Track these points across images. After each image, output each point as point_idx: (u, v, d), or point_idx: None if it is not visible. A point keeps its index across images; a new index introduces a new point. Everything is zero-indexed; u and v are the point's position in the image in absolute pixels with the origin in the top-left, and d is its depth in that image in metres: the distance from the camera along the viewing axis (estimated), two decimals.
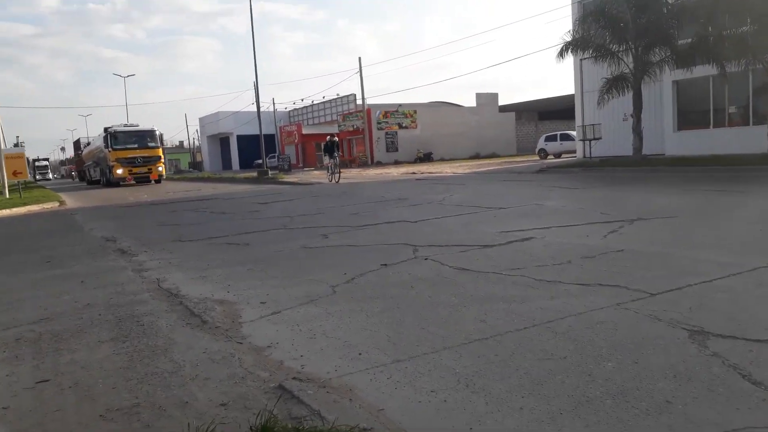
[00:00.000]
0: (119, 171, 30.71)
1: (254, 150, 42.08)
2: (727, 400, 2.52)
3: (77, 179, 58.14)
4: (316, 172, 38.63)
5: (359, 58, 69.39)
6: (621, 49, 19.89)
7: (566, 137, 33.49)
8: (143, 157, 31.24)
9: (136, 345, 3.76)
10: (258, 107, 34.80)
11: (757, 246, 5.80)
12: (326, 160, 24.82)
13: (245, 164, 58.47)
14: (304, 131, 56.21)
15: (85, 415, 2.79)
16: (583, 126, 25.70)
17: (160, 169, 32.36)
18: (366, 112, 45.29)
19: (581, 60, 25.51)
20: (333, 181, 22.89)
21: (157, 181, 32.46)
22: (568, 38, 20.73)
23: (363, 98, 44.20)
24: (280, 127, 59.29)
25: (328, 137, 24.65)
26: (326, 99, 55.58)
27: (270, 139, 54.11)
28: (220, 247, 7.76)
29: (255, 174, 32.19)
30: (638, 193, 11.67)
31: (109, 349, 3.74)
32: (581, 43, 20.45)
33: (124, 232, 9.95)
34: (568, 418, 2.45)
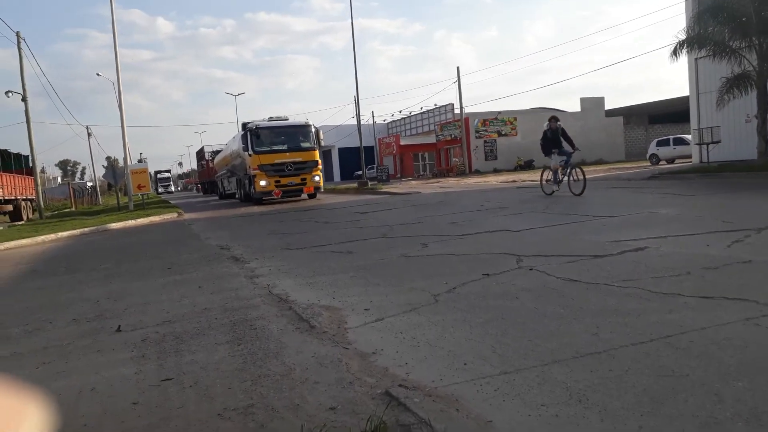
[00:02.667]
0: (262, 182, 22.32)
1: (354, 161, 43.06)
2: None
3: (201, 192, 53.77)
4: (413, 182, 38.87)
5: (458, 68, 69.21)
6: (743, 45, 18.40)
7: (680, 141, 31.46)
8: (295, 163, 22.67)
9: (249, 348, 3.94)
10: (358, 121, 35.67)
11: None
12: (554, 159, 15.01)
13: (346, 175, 60.07)
14: (402, 142, 56.84)
15: (204, 412, 2.96)
16: (699, 129, 23.98)
17: (316, 178, 23.21)
18: (464, 120, 45.02)
19: (696, 59, 23.88)
20: (574, 191, 13.90)
21: (312, 196, 23.99)
22: (683, 36, 19.49)
23: (461, 107, 44.01)
24: (379, 139, 60.34)
25: (549, 122, 15.50)
26: (423, 110, 55.95)
27: (369, 150, 55.21)
28: (325, 255, 7.99)
29: (355, 185, 32.91)
30: (765, 201, 10.69)
31: (225, 351, 3.95)
32: (697, 41, 19.14)
33: (237, 241, 10.52)
34: None
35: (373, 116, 58.37)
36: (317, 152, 23.70)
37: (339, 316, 4.57)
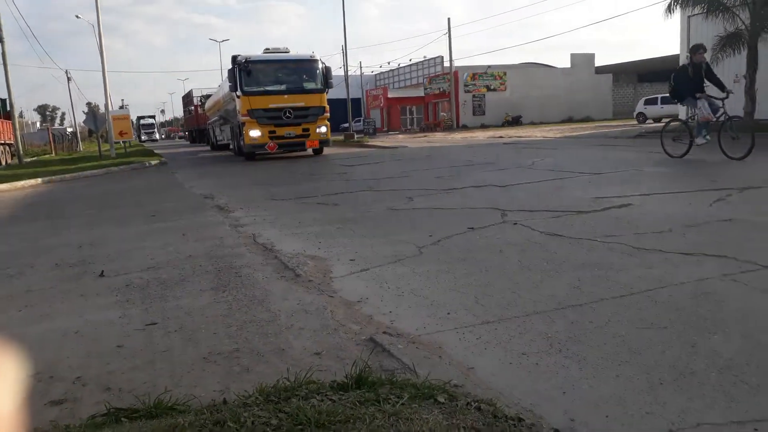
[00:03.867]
0: (253, 133, 17.64)
1: (341, 114, 42.45)
2: None
3: (189, 141, 49.12)
4: (400, 135, 38.63)
5: (448, 19, 67.79)
6: (736, 3, 18.19)
7: (668, 101, 31.30)
8: (295, 109, 17.83)
9: (234, 294, 3.96)
10: (346, 71, 35.07)
11: None
12: (700, 107, 10.73)
13: (332, 128, 59.40)
14: (390, 95, 56.13)
15: (189, 356, 2.98)
16: None
17: (322, 129, 18.44)
18: (453, 74, 44.46)
19: (689, 17, 23.58)
20: (730, 154, 10.24)
21: (318, 151, 19.55)
22: None
23: (451, 60, 43.38)
24: (367, 91, 59.51)
25: (692, 54, 11.23)
26: (412, 62, 55.07)
27: (356, 102, 54.51)
28: (311, 206, 7.97)
29: (341, 137, 32.63)
30: (749, 160, 10.77)
31: (210, 297, 3.96)
32: None
33: (221, 190, 10.44)
34: (669, 390, 2.35)
35: (360, 67, 57.39)
36: (325, 96, 18.48)
37: (324, 265, 4.59)
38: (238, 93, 17.69)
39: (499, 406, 2.05)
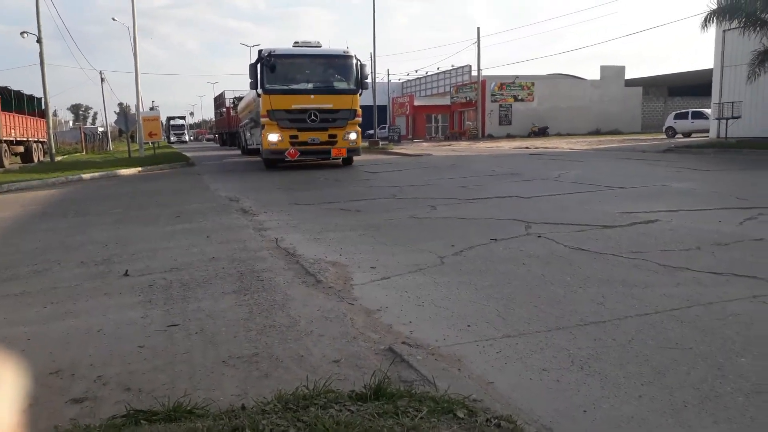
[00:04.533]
0: (272, 137, 15.51)
1: (367, 120, 42.62)
2: None
3: (219, 144, 48.02)
4: (425, 143, 38.59)
5: (477, 29, 67.81)
6: None
7: (699, 115, 30.85)
8: (322, 111, 15.54)
9: (256, 298, 3.98)
10: (373, 78, 35.11)
11: None
12: None
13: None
14: (416, 102, 56.14)
15: (209, 359, 3.00)
16: (720, 103, 23.49)
17: (352, 136, 16.11)
18: (480, 83, 44.32)
19: (725, 31, 23.17)
20: None
21: (347, 161, 17.07)
22: (714, 5, 18.87)
23: (479, 69, 43.21)
24: (393, 98, 59.64)
25: None
26: (440, 70, 55.05)
27: (382, 110, 54.58)
28: (334, 212, 7.99)
29: (366, 144, 32.69)
30: None
31: (231, 300, 3.99)
32: (729, 11, 18.52)
33: (245, 194, 10.53)
34: (694, 412, 2.29)
35: (388, 74, 57.63)
36: (357, 98, 16.06)
37: (345, 272, 4.59)
38: (259, 91, 15.55)
39: (519, 424, 2.02)
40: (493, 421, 1.92)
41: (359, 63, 16.16)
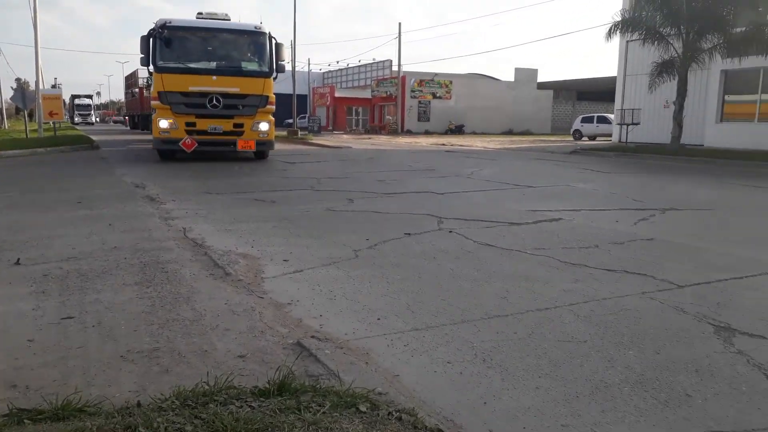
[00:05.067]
0: (163, 123, 13.22)
1: (286, 109, 41.71)
2: (749, 400, 2.47)
3: (128, 126, 44.77)
4: (345, 135, 38.53)
5: (399, 24, 68.47)
6: (672, 32, 19.18)
7: (603, 120, 32.73)
8: (226, 96, 13.36)
9: (159, 291, 3.82)
10: (293, 67, 34.62)
11: None
12: None
13: (276, 123, 58.40)
14: (337, 94, 55.90)
15: (106, 354, 2.85)
16: (622, 110, 25.04)
17: (262, 126, 13.87)
18: (401, 79, 44.75)
19: (628, 42, 24.69)
20: None
21: (260, 155, 15.10)
22: (619, 18, 20.05)
23: (399, 65, 43.62)
24: (313, 88, 59.04)
25: None
26: (362, 63, 55.12)
27: (302, 99, 53.92)
28: (247, 202, 7.81)
29: (285, 133, 32.17)
30: (673, 183, 11.38)
31: (132, 292, 3.81)
32: (631, 24, 19.75)
33: (154, 181, 10.07)
34: (584, 402, 2.43)
35: (309, 63, 56.95)
36: (271, 82, 13.85)
37: (256, 264, 4.50)
38: (151, 68, 13.27)
39: (420, 417, 2.06)
40: (394, 414, 1.95)
41: (275, 42, 13.86)
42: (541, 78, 51.26)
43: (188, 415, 1.83)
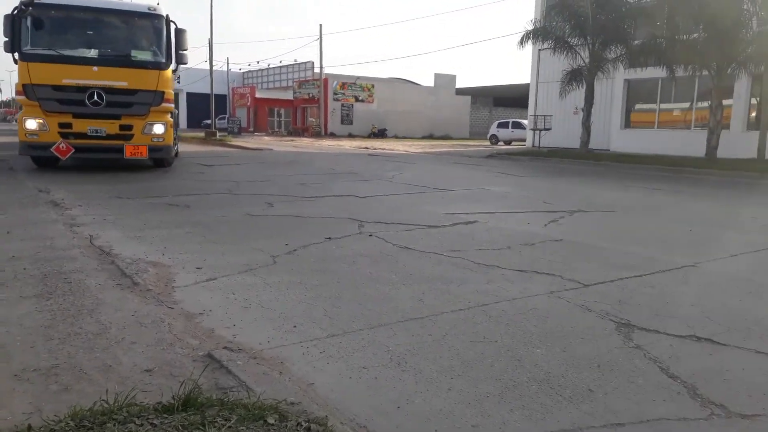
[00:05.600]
0: (30, 124, 10.86)
1: (204, 109, 40.57)
2: (645, 392, 2.63)
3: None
4: (267, 137, 37.92)
5: (320, 25, 67.84)
6: (579, 43, 20.27)
7: (518, 125, 34.05)
8: (109, 91, 11.09)
9: (60, 303, 3.59)
10: (211, 65, 33.79)
11: (686, 245, 6.06)
12: None
13: (193, 123, 56.55)
14: (258, 95, 54.94)
15: None
16: (534, 116, 26.16)
17: (157, 129, 11.56)
18: (323, 81, 44.60)
19: (540, 50, 25.83)
20: None
21: (159, 163, 12.64)
22: (530, 27, 20.96)
23: (321, 67, 43.45)
24: (233, 89, 57.72)
25: None
26: (283, 64, 54.44)
27: (221, 99, 52.66)
28: (160, 207, 7.50)
29: (202, 134, 31.25)
30: (581, 186, 11.99)
31: (31, 305, 3.56)
32: (542, 34, 20.71)
33: (59, 184, 9.48)
34: (494, 402, 2.50)
35: (227, 63, 55.66)
36: (168, 75, 11.76)
37: (167, 273, 4.33)
38: (16, 56, 10.77)
39: (330, 425, 2.05)
40: (303, 424, 1.93)
41: (174, 27, 11.67)
42: (460, 84, 52.66)
43: None
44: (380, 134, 44.96)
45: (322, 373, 2.73)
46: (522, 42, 20.88)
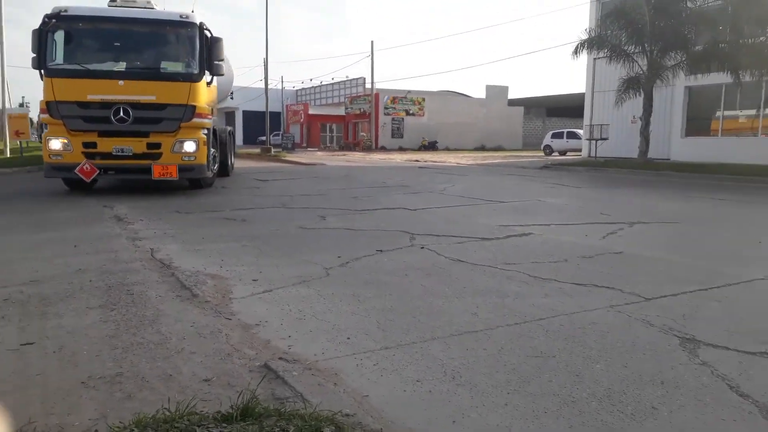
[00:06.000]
0: (54, 144, 10.10)
1: (259, 126, 41.60)
2: (714, 411, 2.50)
3: None
4: (319, 152, 38.50)
5: (371, 42, 68.65)
6: (636, 50, 19.73)
7: (573, 135, 33.36)
8: (137, 106, 10.15)
9: (124, 314, 3.73)
10: (266, 84, 34.61)
11: (756, 258, 5.76)
12: None
13: (249, 140, 58.15)
14: (311, 111, 55.95)
15: (66, 381, 2.76)
16: (590, 125, 25.56)
17: (188, 147, 10.41)
18: (374, 96, 45.03)
19: (595, 59, 25.29)
20: None
21: (195, 184, 11.54)
22: (585, 36, 20.57)
23: (372, 82, 43.94)
24: (287, 106, 59.02)
25: None
26: (335, 80, 55.31)
27: (276, 116, 53.84)
28: (217, 221, 7.72)
29: (258, 150, 32.03)
30: (640, 197, 11.61)
31: (96, 316, 3.71)
32: (597, 42, 20.28)
33: (120, 200, 9.89)
34: (552, 418, 2.43)
35: (282, 81, 57.00)
36: (200, 87, 10.73)
37: (225, 285, 4.43)
38: (42, 73, 10.18)
39: None
40: None
41: (209, 36, 10.71)
42: (512, 95, 52.09)
43: None
44: (431, 147, 44.93)
45: (376, 386, 2.72)
46: (577, 51, 20.51)
